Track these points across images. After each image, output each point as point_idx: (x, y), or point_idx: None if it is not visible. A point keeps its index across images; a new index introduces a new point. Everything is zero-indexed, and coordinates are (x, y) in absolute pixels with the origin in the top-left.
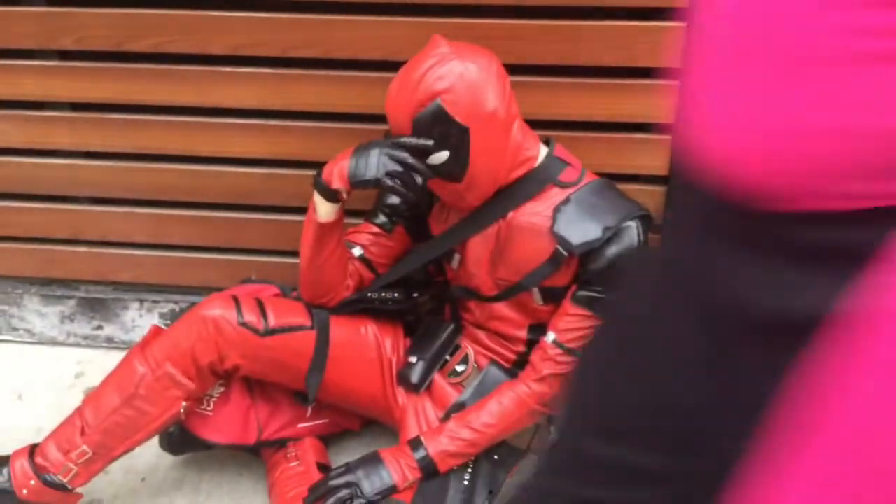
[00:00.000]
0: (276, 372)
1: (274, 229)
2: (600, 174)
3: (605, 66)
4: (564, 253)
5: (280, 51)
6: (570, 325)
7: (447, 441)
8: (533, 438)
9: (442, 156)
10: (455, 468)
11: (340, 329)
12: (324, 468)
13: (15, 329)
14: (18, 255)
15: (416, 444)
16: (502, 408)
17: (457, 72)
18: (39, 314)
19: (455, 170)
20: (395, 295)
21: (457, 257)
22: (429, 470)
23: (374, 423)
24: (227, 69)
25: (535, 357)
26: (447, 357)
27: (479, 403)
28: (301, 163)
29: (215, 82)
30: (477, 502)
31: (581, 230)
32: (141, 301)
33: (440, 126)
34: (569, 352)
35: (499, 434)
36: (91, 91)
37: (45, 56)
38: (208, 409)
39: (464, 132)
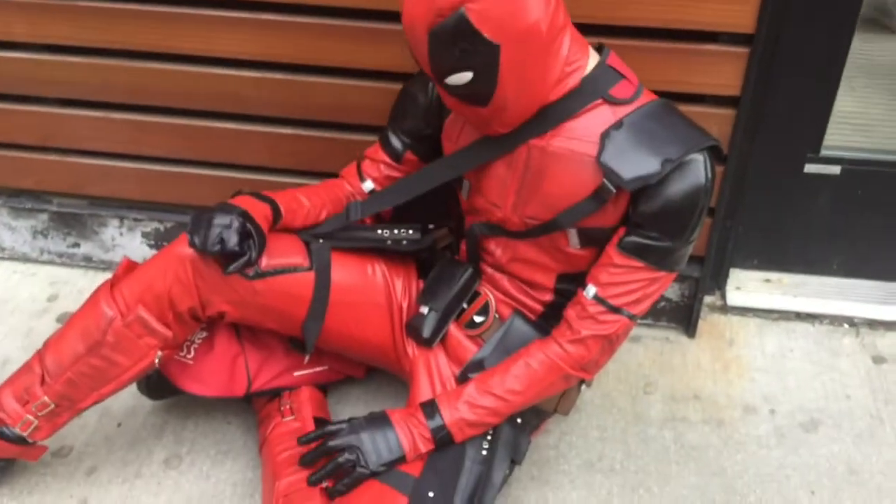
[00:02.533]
0: (269, 319)
1: (268, 142)
2: (660, 93)
3: None
4: (612, 189)
5: None
6: (616, 277)
7: (466, 409)
8: (560, 398)
9: (464, 77)
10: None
11: (344, 269)
12: (322, 423)
13: None
14: None
15: (430, 409)
16: (531, 372)
17: None
18: (9, 228)
19: (479, 93)
20: (410, 232)
21: (466, 184)
22: (444, 441)
23: (381, 370)
24: None
25: (570, 313)
26: (464, 305)
27: (504, 364)
28: (299, 66)
29: None
30: (496, 476)
31: (635, 162)
32: (121, 218)
33: (463, 42)
34: (613, 309)
35: (526, 402)
36: None
37: None
38: (189, 356)
39: (492, 50)
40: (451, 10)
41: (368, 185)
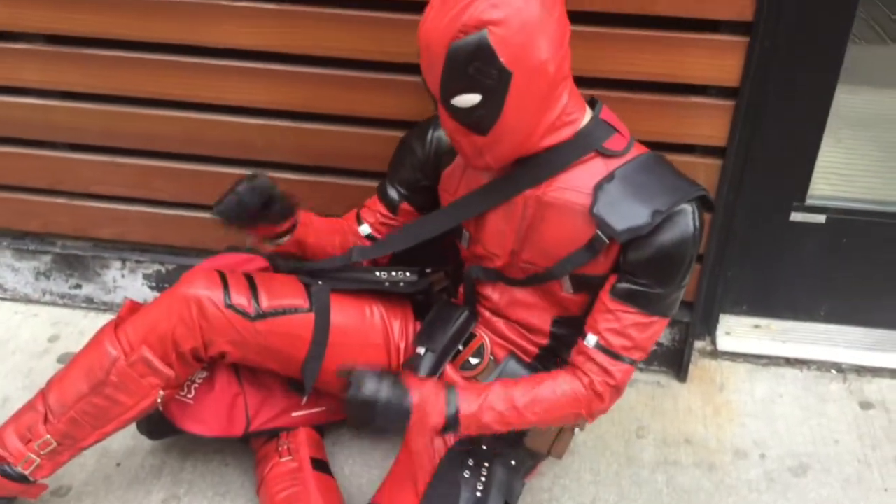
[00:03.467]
0: (269, 359)
1: None
2: (651, 143)
3: (660, 16)
4: (605, 239)
5: None
6: (612, 324)
7: (483, 409)
8: (554, 441)
9: (472, 99)
10: (466, 475)
11: (343, 311)
12: (319, 464)
13: None
14: None
15: (450, 396)
16: (555, 398)
17: (516, 5)
18: (12, 269)
19: (482, 119)
20: (407, 275)
21: (466, 234)
22: (450, 426)
23: None
24: (223, 2)
25: (579, 360)
26: (460, 347)
27: (530, 380)
28: (306, 115)
29: (209, 17)
30: None
31: (626, 213)
32: (124, 260)
33: (479, 63)
34: (616, 357)
35: (536, 423)
36: (67, 22)
37: None
38: (189, 396)
39: (505, 77)
40: (475, 28)
41: (365, 229)
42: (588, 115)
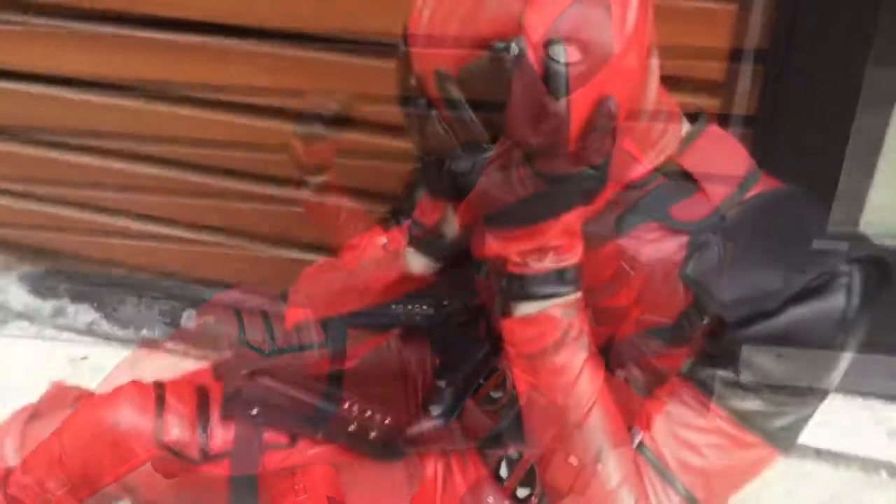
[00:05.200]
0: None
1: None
2: None
3: None
4: (630, 271)
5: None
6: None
7: None
8: (577, 478)
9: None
10: None
11: (359, 346)
12: (335, 503)
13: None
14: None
15: None
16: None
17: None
18: (29, 307)
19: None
20: (424, 307)
21: (484, 268)
22: None
23: None
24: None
25: None
26: (481, 381)
27: None
28: None
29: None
30: None
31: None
32: (140, 296)
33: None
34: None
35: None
36: (84, 64)
37: None
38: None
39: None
40: None
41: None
42: None
